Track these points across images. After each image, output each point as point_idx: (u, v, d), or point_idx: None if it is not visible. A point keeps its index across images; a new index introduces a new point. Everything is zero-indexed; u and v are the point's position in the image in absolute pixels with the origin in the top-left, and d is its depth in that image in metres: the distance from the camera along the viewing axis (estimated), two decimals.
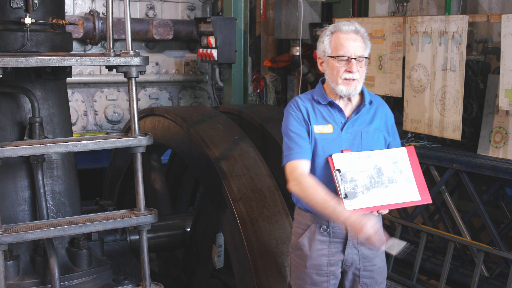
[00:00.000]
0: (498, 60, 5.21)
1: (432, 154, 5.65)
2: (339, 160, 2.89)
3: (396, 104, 6.50)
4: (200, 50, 7.29)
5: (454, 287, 5.66)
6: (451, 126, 5.52)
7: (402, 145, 3.18)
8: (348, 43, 2.92)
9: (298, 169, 2.93)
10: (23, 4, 3.34)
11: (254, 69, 8.46)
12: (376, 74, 6.20)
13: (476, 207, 5.43)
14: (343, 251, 3.02)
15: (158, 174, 5.28)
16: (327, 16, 7.57)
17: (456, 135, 5.49)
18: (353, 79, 2.93)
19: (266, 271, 3.61)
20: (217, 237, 4.49)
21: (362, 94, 3.08)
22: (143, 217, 3.22)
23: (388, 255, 3.10)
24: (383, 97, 6.44)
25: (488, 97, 5.52)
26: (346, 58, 2.91)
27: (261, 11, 8.33)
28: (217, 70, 7.64)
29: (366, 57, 2.97)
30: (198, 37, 7.53)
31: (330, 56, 2.96)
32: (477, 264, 5.29)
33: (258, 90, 8.21)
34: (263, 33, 8.51)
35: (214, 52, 6.96)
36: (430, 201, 2.97)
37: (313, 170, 2.99)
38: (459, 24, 5.38)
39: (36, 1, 3.36)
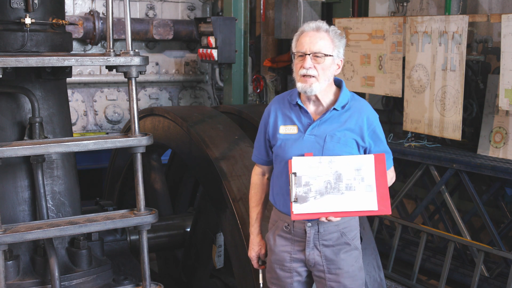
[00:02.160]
0: (498, 60, 5.21)
1: (432, 154, 5.65)
2: (298, 164, 2.87)
3: (396, 104, 6.50)
4: (200, 50, 7.29)
5: (454, 287, 5.66)
6: (451, 126, 5.52)
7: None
8: (304, 40, 2.93)
9: (253, 174, 3.28)
10: (23, 4, 3.34)
11: (254, 69, 8.46)
12: (376, 74, 6.20)
13: (476, 207, 5.43)
14: (304, 250, 3.03)
15: (158, 174, 5.28)
16: (327, 16, 7.57)
17: (456, 135, 5.49)
18: (309, 76, 2.90)
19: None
20: (217, 237, 4.49)
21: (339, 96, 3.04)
22: (143, 217, 3.22)
23: (387, 255, 3.10)
24: (383, 97, 6.45)
25: (488, 97, 5.52)
26: (301, 54, 2.92)
27: (261, 11, 8.33)
28: (217, 70, 7.65)
29: (327, 54, 2.91)
30: (198, 37, 7.53)
31: (293, 54, 2.99)
32: (477, 264, 5.29)
33: (258, 90, 8.21)
34: (263, 33, 8.51)
35: (214, 52, 6.96)
36: (389, 212, 2.87)
37: (276, 171, 3.09)
38: (459, 24, 5.38)
39: (36, 1, 3.36)
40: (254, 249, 3.26)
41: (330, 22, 7.08)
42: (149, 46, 7.79)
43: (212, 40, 7.00)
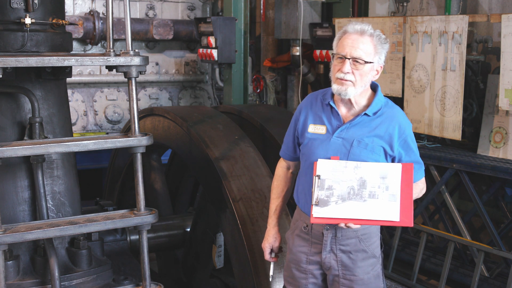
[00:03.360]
0: (498, 60, 5.21)
1: (432, 154, 5.64)
2: (323, 166, 2.83)
3: (396, 104, 6.49)
4: (200, 50, 7.29)
5: (454, 287, 5.66)
6: (451, 126, 5.52)
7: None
8: (346, 42, 2.86)
9: (278, 166, 3.26)
10: (23, 4, 3.34)
11: (254, 69, 8.46)
12: None
13: (476, 207, 5.43)
14: (321, 253, 3.01)
15: (158, 174, 5.28)
16: (327, 16, 7.57)
17: (456, 135, 5.49)
18: (346, 80, 2.85)
19: (266, 271, 3.61)
20: (217, 237, 4.49)
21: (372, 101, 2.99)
22: (143, 217, 3.22)
23: (387, 255, 3.09)
24: None
25: (488, 97, 5.52)
26: (341, 56, 2.86)
27: (261, 11, 8.33)
28: (217, 70, 7.64)
29: (368, 61, 2.84)
30: (198, 37, 7.54)
31: (333, 54, 2.94)
32: (477, 264, 5.29)
33: (258, 90, 8.21)
34: (263, 33, 8.51)
35: (214, 52, 6.96)
36: (411, 225, 2.77)
37: (302, 169, 3.07)
38: (459, 24, 5.38)
39: (36, 1, 3.36)
40: (268, 240, 3.23)
41: (330, 22, 7.11)
42: (149, 46, 7.79)
43: (212, 40, 7.00)
